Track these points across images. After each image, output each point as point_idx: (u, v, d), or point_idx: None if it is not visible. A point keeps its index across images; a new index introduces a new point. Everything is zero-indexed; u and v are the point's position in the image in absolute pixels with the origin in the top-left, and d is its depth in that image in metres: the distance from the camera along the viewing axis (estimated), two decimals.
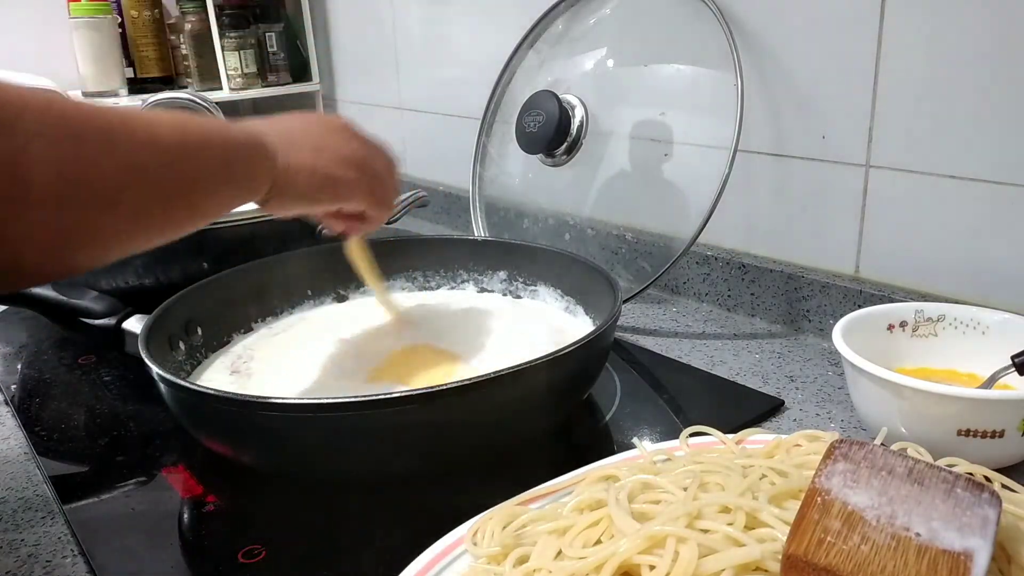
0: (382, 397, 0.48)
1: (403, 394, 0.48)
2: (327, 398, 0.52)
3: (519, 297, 0.76)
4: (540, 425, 0.56)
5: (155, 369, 0.53)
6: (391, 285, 0.78)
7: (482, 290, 0.78)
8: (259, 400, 0.51)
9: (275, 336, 0.71)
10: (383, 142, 0.61)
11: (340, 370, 0.63)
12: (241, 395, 0.52)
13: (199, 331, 0.67)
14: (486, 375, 0.49)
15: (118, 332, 0.63)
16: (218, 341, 0.69)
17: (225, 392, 0.53)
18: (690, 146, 0.79)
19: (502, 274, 0.77)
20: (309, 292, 0.76)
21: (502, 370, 0.50)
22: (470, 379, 0.49)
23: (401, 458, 0.51)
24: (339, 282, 0.77)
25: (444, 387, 0.48)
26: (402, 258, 0.79)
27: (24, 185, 0.35)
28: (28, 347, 0.81)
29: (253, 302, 0.72)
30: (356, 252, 0.69)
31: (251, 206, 0.80)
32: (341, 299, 0.78)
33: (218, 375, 0.64)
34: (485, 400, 0.50)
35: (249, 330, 0.72)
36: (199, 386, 0.53)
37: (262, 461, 0.54)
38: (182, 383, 0.52)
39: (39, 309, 0.67)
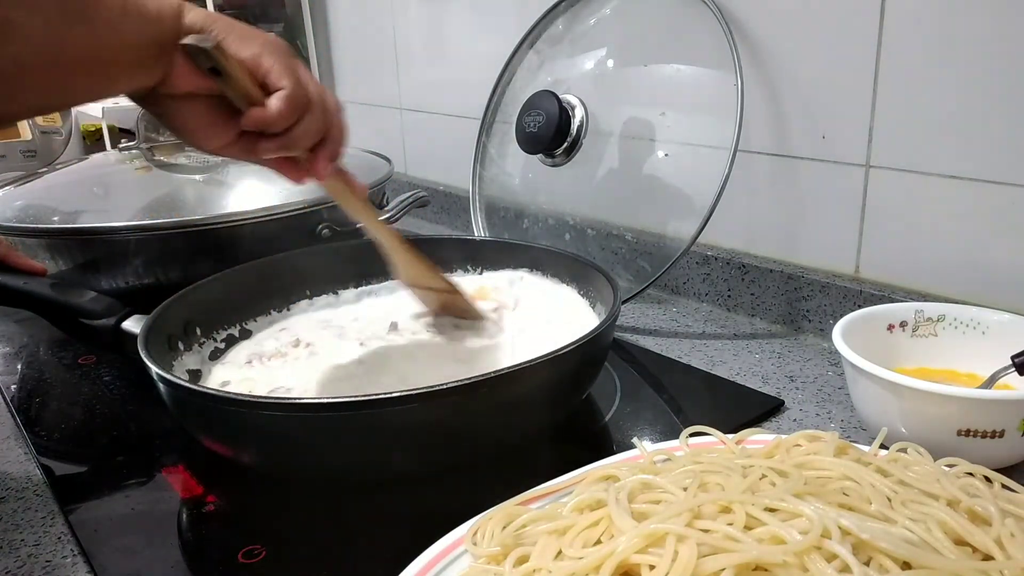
0: (381, 397, 0.48)
1: (403, 394, 0.48)
2: (326, 398, 0.52)
3: (519, 297, 0.76)
4: (539, 424, 0.56)
5: (155, 369, 0.52)
6: (392, 286, 0.78)
7: None
8: (257, 400, 0.51)
9: (274, 335, 0.71)
10: None
11: (340, 368, 0.63)
12: (239, 395, 0.52)
13: (198, 331, 0.67)
14: (485, 375, 0.49)
15: (117, 332, 0.63)
16: (221, 338, 0.69)
17: (224, 392, 0.53)
18: (690, 146, 0.79)
19: (502, 274, 0.77)
20: (308, 292, 0.76)
21: (501, 370, 0.50)
22: (469, 379, 0.49)
23: (401, 458, 0.51)
24: (339, 282, 0.77)
25: (443, 387, 0.48)
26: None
27: None
28: (28, 347, 0.81)
29: (252, 302, 0.72)
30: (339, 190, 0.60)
31: (252, 205, 0.80)
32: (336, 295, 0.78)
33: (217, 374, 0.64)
34: (484, 399, 0.50)
35: (248, 331, 0.72)
36: (198, 386, 0.53)
37: (261, 461, 0.54)
38: (181, 383, 0.52)
39: (37, 310, 0.67)
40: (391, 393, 0.48)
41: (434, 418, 0.49)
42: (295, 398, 0.56)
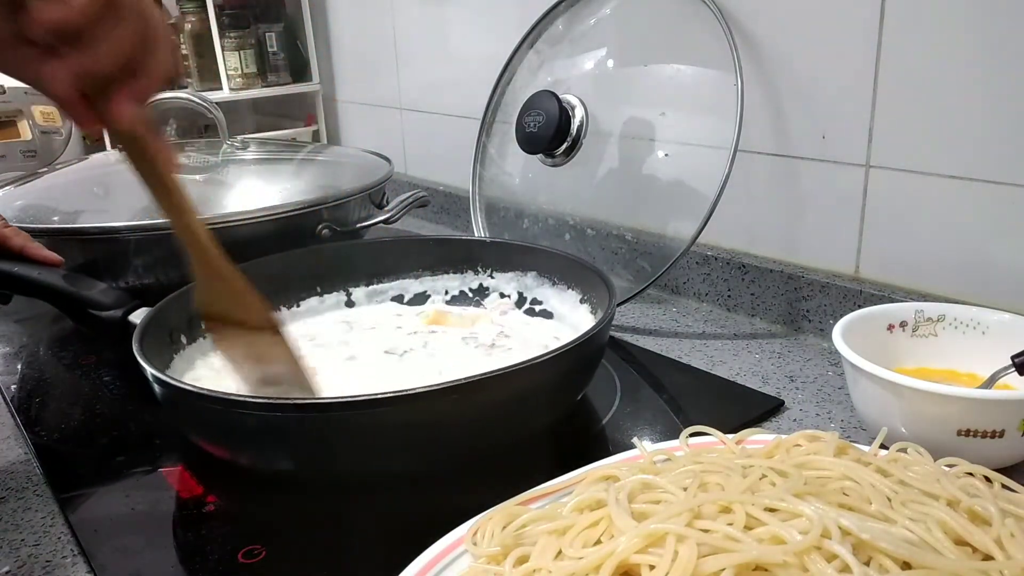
0: (376, 397, 0.48)
1: (402, 394, 0.48)
2: (323, 398, 0.52)
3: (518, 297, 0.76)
4: (536, 425, 0.56)
5: (149, 370, 0.52)
6: (391, 287, 0.78)
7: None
8: (251, 400, 0.51)
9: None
10: None
11: (340, 367, 0.63)
12: (231, 394, 0.51)
13: (203, 325, 0.67)
14: (483, 374, 0.49)
15: (124, 324, 0.64)
16: None
17: (216, 392, 0.53)
18: (690, 146, 0.79)
19: (502, 274, 0.77)
20: (318, 289, 0.76)
21: (499, 370, 0.50)
22: (468, 378, 0.49)
23: (399, 458, 0.51)
24: (351, 281, 0.78)
25: (441, 386, 0.48)
26: (402, 258, 0.79)
27: None
28: (28, 347, 0.81)
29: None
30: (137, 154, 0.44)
31: (252, 204, 0.80)
32: (349, 298, 0.78)
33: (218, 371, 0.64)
34: (478, 400, 0.50)
35: None
36: (190, 385, 0.52)
37: (256, 461, 0.54)
38: (172, 381, 0.51)
39: (50, 300, 0.68)
40: (383, 394, 0.48)
41: (430, 417, 0.49)
42: (288, 398, 0.56)
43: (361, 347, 0.68)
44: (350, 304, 0.78)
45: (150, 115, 0.42)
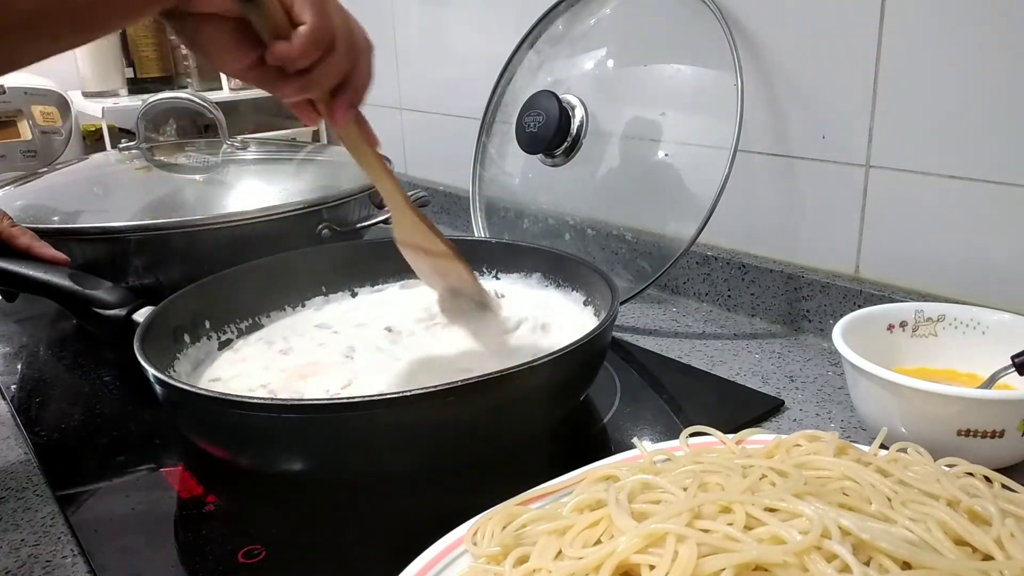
0: (381, 398, 0.48)
1: (402, 394, 0.48)
2: (325, 399, 0.52)
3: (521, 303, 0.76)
4: (538, 426, 0.56)
5: (150, 370, 0.52)
6: (396, 287, 0.79)
7: None
8: (250, 400, 0.51)
9: (283, 332, 0.71)
10: None
11: (341, 366, 0.63)
12: (231, 395, 0.51)
13: (207, 324, 0.67)
14: (485, 376, 0.49)
15: (129, 323, 0.64)
16: (225, 336, 0.69)
17: (216, 392, 0.53)
18: (690, 146, 0.79)
19: (507, 275, 0.77)
20: (323, 289, 0.77)
21: (500, 371, 0.50)
22: (469, 379, 0.49)
23: (401, 458, 0.51)
24: (354, 280, 0.78)
25: (443, 387, 0.48)
26: (401, 258, 0.79)
27: None
28: (28, 347, 0.81)
29: (262, 297, 0.73)
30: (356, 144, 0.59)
31: (252, 205, 0.80)
32: (354, 296, 0.78)
33: (222, 371, 0.64)
34: (484, 400, 0.50)
35: (259, 326, 0.72)
36: (189, 385, 0.52)
37: (256, 462, 0.54)
38: (172, 382, 0.52)
39: (56, 298, 0.68)
40: (390, 394, 0.48)
41: (433, 418, 0.49)
42: (289, 399, 0.56)
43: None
44: None
45: (359, 114, 0.56)
